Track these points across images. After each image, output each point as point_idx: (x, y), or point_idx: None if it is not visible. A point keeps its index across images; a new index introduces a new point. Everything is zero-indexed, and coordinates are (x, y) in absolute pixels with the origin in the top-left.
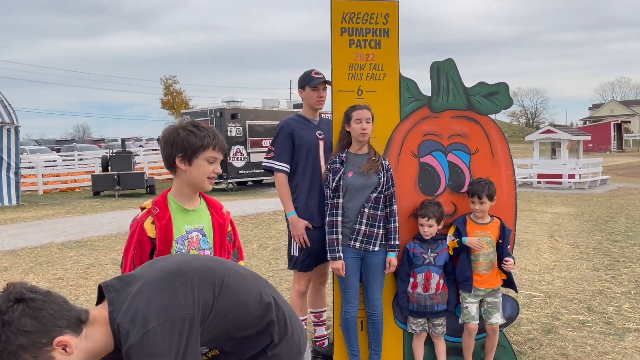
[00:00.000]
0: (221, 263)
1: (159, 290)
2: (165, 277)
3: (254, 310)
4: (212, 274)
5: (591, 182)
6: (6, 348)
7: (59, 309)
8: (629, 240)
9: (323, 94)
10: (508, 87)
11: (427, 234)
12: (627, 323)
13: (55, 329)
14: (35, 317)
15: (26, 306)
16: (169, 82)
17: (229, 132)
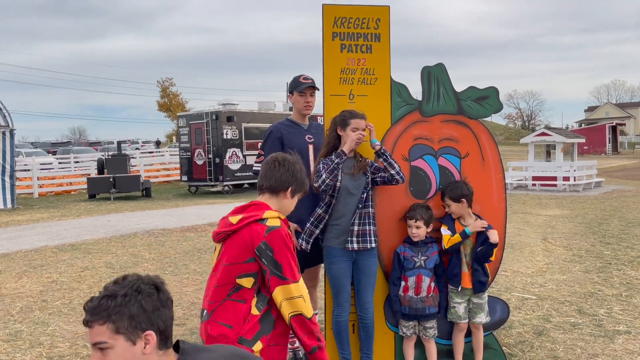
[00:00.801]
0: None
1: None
2: (234, 356)
3: None
4: None
5: (585, 185)
6: (121, 309)
7: (168, 317)
8: (622, 242)
9: (310, 99)
10: (498, 91)
11: (415, 236)
12: (618, 325)
13: (156, 325)
14: (155, 306)
15: (157, 294)
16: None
17: (224, 134)
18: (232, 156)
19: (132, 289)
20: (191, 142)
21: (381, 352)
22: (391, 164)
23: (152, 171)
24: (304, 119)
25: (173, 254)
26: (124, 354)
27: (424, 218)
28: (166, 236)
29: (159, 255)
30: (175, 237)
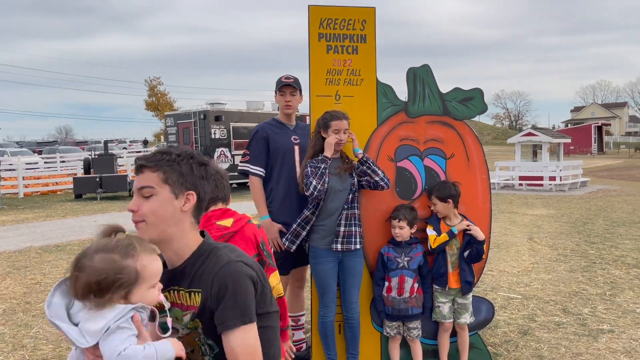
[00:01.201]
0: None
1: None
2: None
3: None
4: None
5: (571, 184)
6: (174, 164)
7: (208, 191)
8: (606, 242)
9: (290, 99)
10: (483, 92)
11: (398, 236)
12: (601, 324)
13: (198, 191)
14: (202, 174)
15: (205, 166)
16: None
17: (212, 134)
18: (221, 156)
19: (186, 153)
20: (179, 141)
21: (367, 352)
22: (374, 171)
23: None
24: (290, 119)
25: None
26: (165, 203)
27: (407, 218)
28: None
29: None
30: None
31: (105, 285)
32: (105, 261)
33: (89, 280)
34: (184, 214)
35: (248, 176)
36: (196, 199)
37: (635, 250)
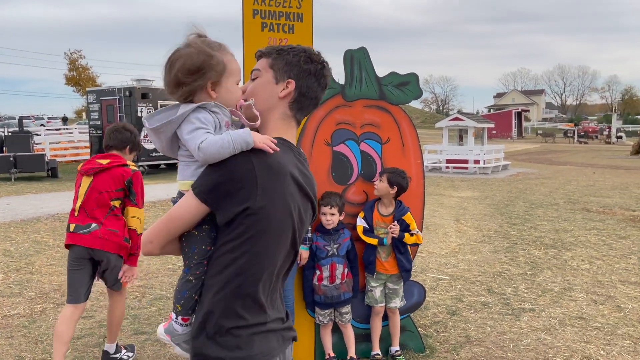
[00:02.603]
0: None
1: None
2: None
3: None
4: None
5: (494, 168)
6: (284, 55)
7: (313, 91)
8: (526, 223)
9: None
10: (418, 77)
11: (330, 223)
12: (523, 303)
13: (300, 83)
14: (310, 71)
15: (318, 67)
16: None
17: (139, 112)
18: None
19: (303, 50)
20: (102, 119)
21: (302, 338)
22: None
23: (59, 150)
24: None
25: None
26: (264, 85)
27: (338, 205)
28: None
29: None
30: None
31: (197, 69)
32: (197, 48)
33: (183, 65)
34: (280, 101)
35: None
36: (295, 90)
37: (552, 231)
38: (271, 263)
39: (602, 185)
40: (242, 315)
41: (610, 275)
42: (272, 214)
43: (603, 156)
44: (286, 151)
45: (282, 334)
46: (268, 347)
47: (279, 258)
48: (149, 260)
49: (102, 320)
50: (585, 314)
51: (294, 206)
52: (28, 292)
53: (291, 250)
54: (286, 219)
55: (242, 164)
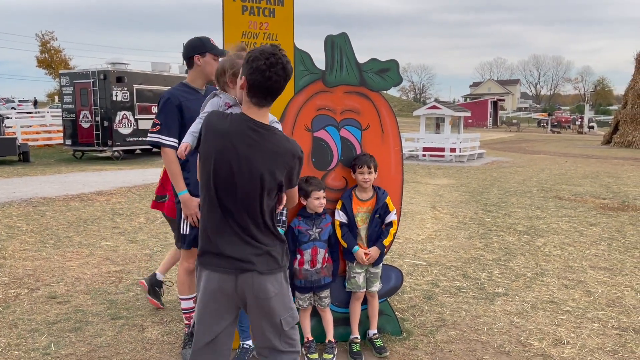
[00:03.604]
0: None
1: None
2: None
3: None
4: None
5: (469, 156)
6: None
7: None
8: (500, 210)
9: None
10: (398, 64)
11: (321, 206)
12: (497, 288)
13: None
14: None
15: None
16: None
17: (114, 96)
18: (123, 119)
19: (259, 50)
20: (76, 103)
21: None
22: None
23: (31, 133)
24: (202, 83)
25: (55, 225)
26: (239, 81)
27: (323, 188)
28: (47, 205)
29: (39, 227)
30: (57, 207)
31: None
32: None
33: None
34: (242, 91)
35: (160, 148)
36: (246, 83)
37: (525, 218)
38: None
39: (574, 174)
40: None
41: (581, 261)
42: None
43: (575, 146)
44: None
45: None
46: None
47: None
48: (126, 245)
49: (77, 305)
50: (557, 298)
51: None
52: (1, 278)
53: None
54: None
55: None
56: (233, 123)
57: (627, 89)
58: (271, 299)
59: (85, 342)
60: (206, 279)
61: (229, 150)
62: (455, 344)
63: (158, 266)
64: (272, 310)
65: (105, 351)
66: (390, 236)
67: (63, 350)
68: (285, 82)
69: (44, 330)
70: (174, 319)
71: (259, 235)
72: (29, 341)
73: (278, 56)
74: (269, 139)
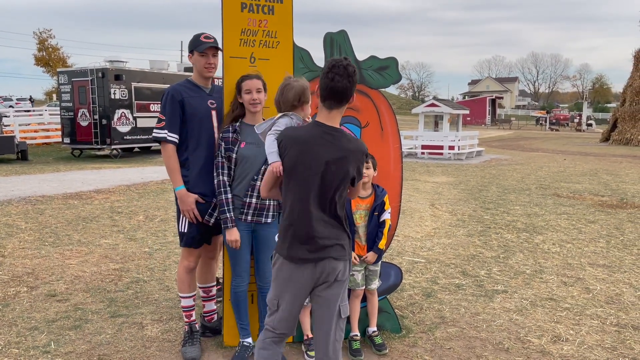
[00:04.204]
0: None
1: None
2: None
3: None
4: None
5: (468, 154)
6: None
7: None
8: (499, 207)
9: (212, 61)
10: (398, 62)
11: None
12: (496, 285)
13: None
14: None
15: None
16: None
17: (112, 94)
18: (121, 118)
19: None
20: (74, 101)
21: None
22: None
23: (29, 132)
24: (206, 81)
25: (54, 224)
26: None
27: None
28: (46, 204)
29: (38, 225)
30: (56, 205)
31: (300, 98)
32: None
33: (294, 94)
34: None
35: (160, 143)
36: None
37: (524, 215)
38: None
39: (573, 171)
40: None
41: (580, 258)
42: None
43: (574, 143)
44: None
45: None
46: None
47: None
48: (125, 243)
49: (77, 303)
50: (556, 295)
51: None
52: (0, 276)
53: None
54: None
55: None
56: (308, 130)
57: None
58: (339, 283)
59: (85, 340)
60: (289, 267)
61: (308, 153)
62: (455, 341)
63: (157, 264)
64: (335, 297)
65: (105, 349)
66: (385, 237)
67: (63, 348)
68: (350, 83)
69: (43, 328)
70: (173, 317)
71: (333, 227)
72: (29, 339)
73: (339, 60)
74: (340, 139)
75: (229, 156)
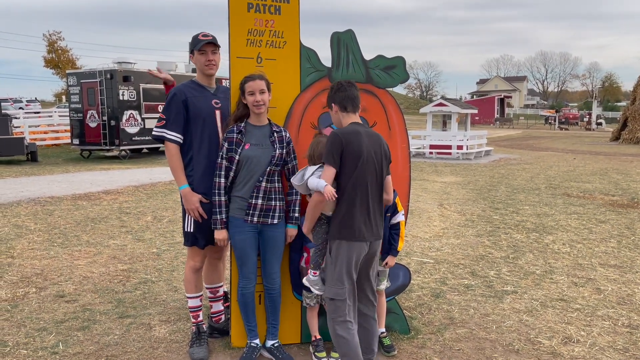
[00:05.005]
0: None
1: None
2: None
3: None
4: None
5: (477, 153)
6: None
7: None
8: (508, 207)
9: (212, 58)
10: (405, 61)
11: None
12: (506, 286)
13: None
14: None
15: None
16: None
17: (120, 95)
18: (130, 119)
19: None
20: (83, 102)
21: (288, 321)
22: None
23: (39, 133)
24: (209, 80)
25: (63, 224)
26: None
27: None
28: (55, 205)
29: (47, 226)
30: (65, 206)
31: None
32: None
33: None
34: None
35: (164, 142)
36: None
37: (533, 215)
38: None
39: (583, 170)
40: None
41: (591, 259)
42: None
43: (583, 142)
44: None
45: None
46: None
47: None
48: (133, 244)
49: (85, 304)
50: (566, 296)
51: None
52: (9, 277)
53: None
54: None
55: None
56: (354, 128)
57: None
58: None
59: (93, 341)
60: (349, 247)
61: (362, 145)
62: (464, 343)
63: (165, 265)
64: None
65: (113, 350)
66: (402, 240)
67: (71, 349)
68: (356, 90)
69: (52, 329)
70: (181, 318)
71: (380, 215)
72: (37, 340)
73: (341, 80)
74: (378, 136)
75: (230, 157)
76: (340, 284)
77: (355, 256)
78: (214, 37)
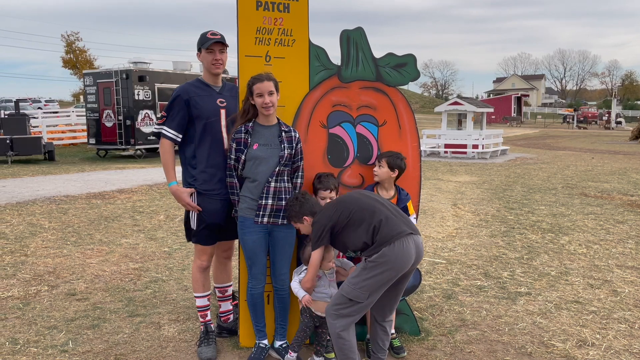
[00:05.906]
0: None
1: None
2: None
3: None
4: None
5: (492, 152)
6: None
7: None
8: (524, 207)
9: (219, 57)
10: (416, 58)
11: None
12: (519, 287)
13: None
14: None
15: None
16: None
17: (136, 95)
18: (145, 118)
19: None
20: (99, 102)
21: (296, 322)
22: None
23: (57, 133)
24: (215, 79)
25: (77, 223)
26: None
27: (335, 187)
28: (69, 203)
29: (61, 224)
30: (79, 205)
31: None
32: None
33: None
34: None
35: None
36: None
37: (549, 215)
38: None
39: (601, 170)
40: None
41: (607, 260)
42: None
43: (602, 141)
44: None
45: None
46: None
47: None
48: (145, 243)
49: (96, 302)
50: (582, 298)
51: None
52: (22, 274)
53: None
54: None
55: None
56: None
57: None
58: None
59: (103, 340)
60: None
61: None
62: (476, 345)
63: (176, 263)
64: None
65: (122, 348)
66: None
67: (80, 347)
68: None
69: (62, 327)
70: (190, 317)
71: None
72: (48, 338)
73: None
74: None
75: (238, 157)
76: (367, 293)
77: (399, 265)
78: (222, 36)
